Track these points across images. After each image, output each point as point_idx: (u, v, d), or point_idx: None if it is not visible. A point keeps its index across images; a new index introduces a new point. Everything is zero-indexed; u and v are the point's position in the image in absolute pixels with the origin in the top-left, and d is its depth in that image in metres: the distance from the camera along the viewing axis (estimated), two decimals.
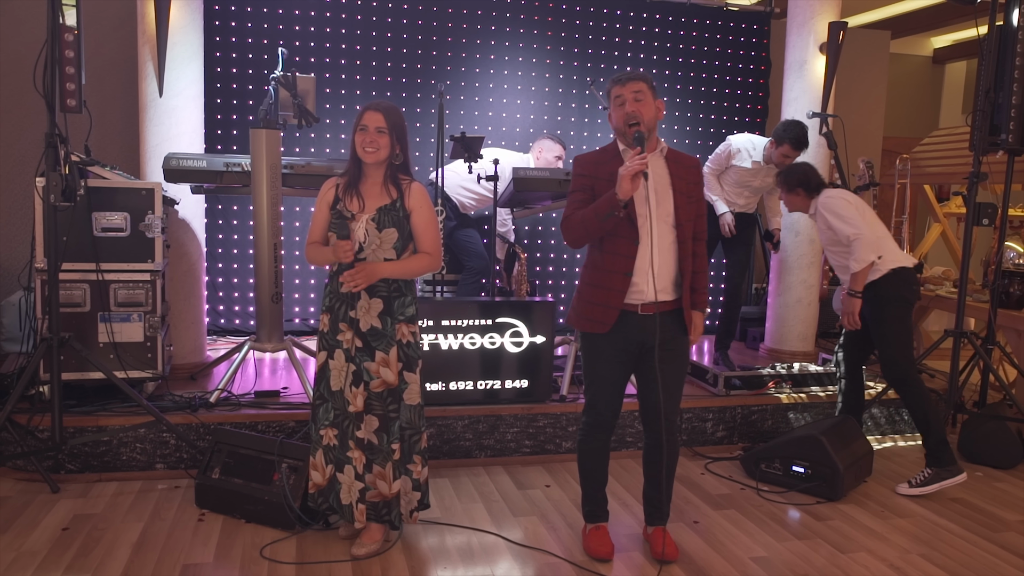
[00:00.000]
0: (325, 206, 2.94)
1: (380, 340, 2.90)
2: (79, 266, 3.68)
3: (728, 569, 2.97)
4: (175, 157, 3.98)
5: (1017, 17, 3.98)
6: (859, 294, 3.81)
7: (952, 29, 7.61)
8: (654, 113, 2.82)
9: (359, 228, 2.86)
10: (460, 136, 4.32)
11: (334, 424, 2.96)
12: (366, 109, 2.87)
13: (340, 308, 2.92)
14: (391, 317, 2.90)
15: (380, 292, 2.89)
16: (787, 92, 5.20)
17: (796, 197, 3.97)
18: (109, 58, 5.23)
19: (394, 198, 2.89)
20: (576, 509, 3.45)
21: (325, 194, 2.95)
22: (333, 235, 2.89)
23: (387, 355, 2.90)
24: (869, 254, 3.74)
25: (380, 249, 2.87)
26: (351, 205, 2.88)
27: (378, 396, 2.92)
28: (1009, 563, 3.11)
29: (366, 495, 2.97)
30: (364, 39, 5.47)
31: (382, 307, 2.89)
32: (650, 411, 2.95)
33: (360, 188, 2.90)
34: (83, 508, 3.27)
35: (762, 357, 5.34)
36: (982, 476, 4.08)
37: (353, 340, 2.91)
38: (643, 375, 2.94)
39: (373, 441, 2.94)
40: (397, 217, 2.88)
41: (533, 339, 3.98)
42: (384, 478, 2.95)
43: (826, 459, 3.65)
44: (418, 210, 2.91)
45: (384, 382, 2.91)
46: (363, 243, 2.86)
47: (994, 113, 4.10)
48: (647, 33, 6.02)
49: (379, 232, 2.86)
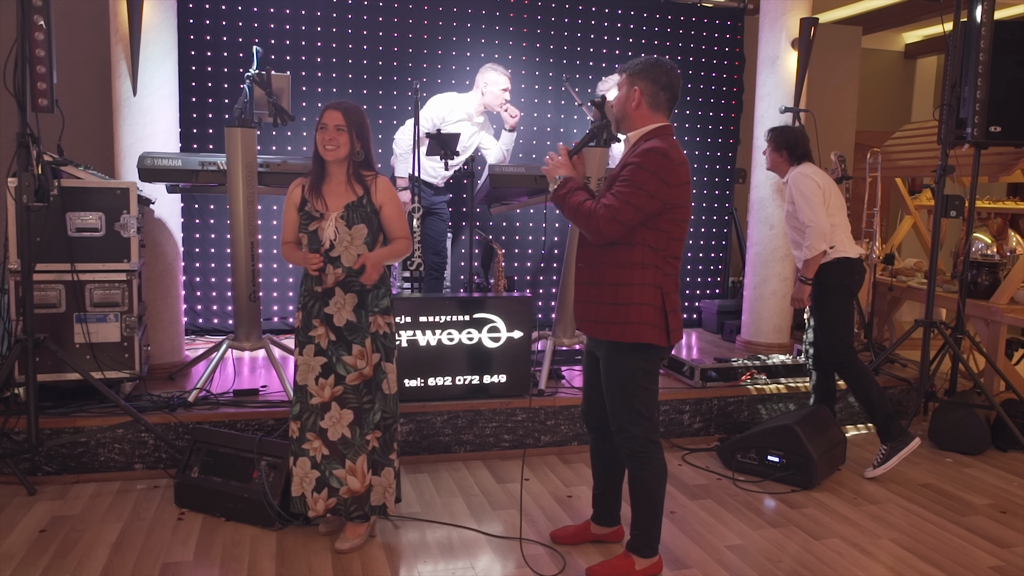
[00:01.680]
0: (292, 207, 3.00)
1: (355, 333, 2.95)
2: (54, 267, 3.66)
3: (703, 557, 3.03)
4: (150, 156, 3.96)
5: (980, 13, 4.06)
6: (809, 281, 3.96)
7: (923, 24, 7.72)
8: (622, 102, 2.74)
9: (328, 227, 2.90)
10: (436, 133, 4.33)
11: (297, 417, 3.02)
12: (325, 108, 2.92)
13: (313, 305, 2.97)
14: (365, 310, 2.96)
15: (354, 287, 2.93)
16: (760, 87, 5.26)
17: (779, 158, 4.06)
18: (82, 57, 5.18)
19: (360, 195, 2.93)
20: (555, 501, 3.49)
21: (291, 195, 3.00)
22: (304, 236, 2.94)
23: (363, 347, 2.95)
24: (820, 243, 3.87)
25: (352, 246, 2.91)
26: (318, 205, 2.92)
27: (354, 389, 2.96)
28: (976, 545, 3.19)
29: (340, 491, 2.99)
30: (340, 37, 5.47)
31: (356, 301, 2.94)
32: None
33: (325, 187, 2.94)
34: (61, 510, 3.26)
35: (738, 349, 5.40)
36: (951, 462, 4.16)
37: (327, 334, 2.95)
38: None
39: (346, 435, 2.97)
40: (365, 213, 2.92)
41: (511, 334, 4.01)
42: (355, 473, 2.98)
43: (800, 448, 3.71)
44: (387, 203, 2.98)
45: (361, 374, 2.96)
46: (333, 241, 2.89)
47: (960, 107, 4.18)
48: (622, 29, 6.05)
49: (349, 229, 2.90)
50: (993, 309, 4.79)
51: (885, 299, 5.84)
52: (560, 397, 4.13)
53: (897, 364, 5.11)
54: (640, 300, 2.64)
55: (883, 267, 5.86)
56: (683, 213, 2.66)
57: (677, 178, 2.60)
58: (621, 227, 2.58)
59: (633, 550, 2.82)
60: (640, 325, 2.64)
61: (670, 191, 2.58)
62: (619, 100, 2.75)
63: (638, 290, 2.64)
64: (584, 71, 6.00)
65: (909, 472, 3.98)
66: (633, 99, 2.69)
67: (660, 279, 2.66)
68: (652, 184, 2.56)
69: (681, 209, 2.64)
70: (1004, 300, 4.81)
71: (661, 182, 2.56)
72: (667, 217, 2.62)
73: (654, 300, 2.65)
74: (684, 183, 2.63)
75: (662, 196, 2.57)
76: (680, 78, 2.74)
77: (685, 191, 2.63)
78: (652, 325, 2.65)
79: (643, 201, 2.56)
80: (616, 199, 2.58)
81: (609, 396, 2.77)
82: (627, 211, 2.56)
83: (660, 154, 2.57)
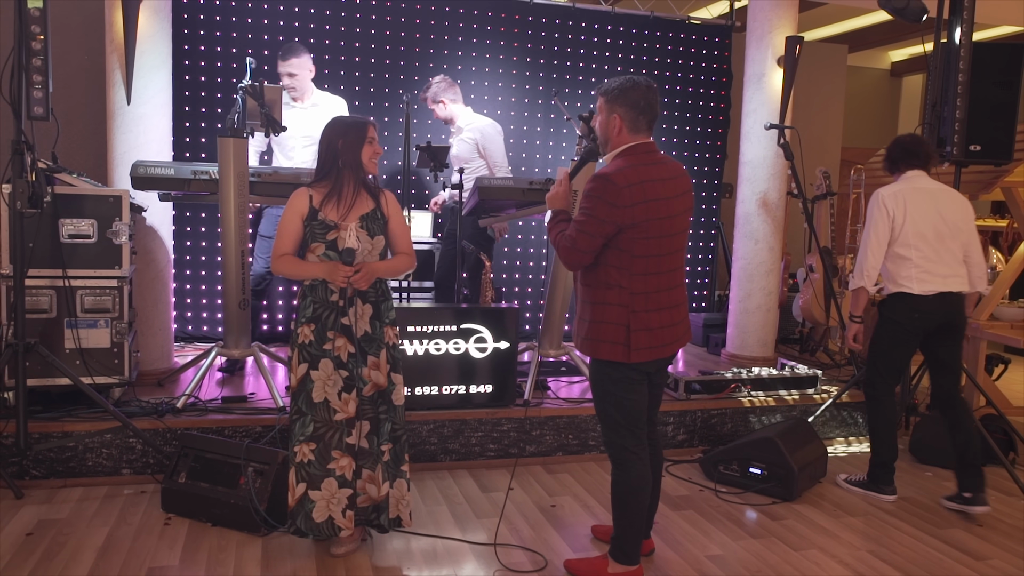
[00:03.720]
0: (298, 218, 2.92)
1: (371, 344, 2.98)
2: (46, 272, 3.68)
3: (684, 568, 3.07)
4: (143, 165, 4.01)
5: (959, 36, 4.16)
6: (857, 319, 3.83)
7: (908, 43, 7.85)
8: (604, 127, 2.81)
9: (350, 236, 2.91)
10: (426, 145, 4.39)
11: (311, 439, 2.94)
12: (368, 123, 2.95)
13: (328, 316, 2.92)
14: (379, 321, 2.99)
15: (370, 298, 2.97)
16: (746, 104, 5.34)
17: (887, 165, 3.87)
18: (77, 66, 5.23)
19: (373, 207, 2.97)
20: (539, 510, 3.54)
21: (298, 206, 2.92)
22: (320, 246, 2.91)
23: (378, 358, 2.98)
24: (859, 279, 3.73)
25: (371, 255, 2.96)
26: (333, 214, 2.92)
27: (369, 400, 2.98)
28: (954, 559, 3.24)
29: (356, 500, 3.00)
30: (332, 49, 5.53)
31: (372, 311, 2.97)
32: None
33: (343, 197, 2.93)
34: (48, 513, 3.28)
35: (723, 362, 5.46)
36: (931, 476, 4.22)
37: (345, 346, 2.93)
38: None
39: (364, 445, 2.98)
40: (380, 224, 2.97)
41: (498, 344, 4.06)
42: (374, 481, 3.00)
43: (781, 461, 3.77)
44: (395, 215, 3.03)
45: (375, 385, 2.98)
46: (355, 249, 2.90)
47: (940, 127, 4.27)
48: (612, 45, 6.14)
49: (371, 239, 2.94)
50: (973, 325, 4.87)
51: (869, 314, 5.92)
52: (546, 408, 4.17)
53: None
54: (603, 318, 2.75)
55: None
56: (643, 231, 2.68)
57: (625, 199, 2.63)
58: (582, 255, 2.70)
59: (610, 553, 2.90)
60: (600, 342, 2.75)
61: (621, 212, 2.63)
62: (601, 125, 2.82)
63: (601, 308, 2.75)
64: (573, 86, 6.08)
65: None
66: (614, 126, 2.76)
67: (626, 298, 2.71)
68: (600, 210, 2.64)
69: (640, 227, 2.67)
70: (984, 316, 4.89)
71: (609, 205, 2.63)
72: (626, 236, 2.67)
73: (617, 318, 2.72)
74: (638, 203, 2.64)
75: (614, 219, 2.64)
76: (657, 93, 2.79)
77: (641, 210, 2.65)
78: (611, 342, 2.73)
79: (595, 227, 2.65)
80: (573, 228, 2.71)
81: (595, 402, 2.90)
82: (582, 239, 2.67)
83: (604, 179, 2.65)
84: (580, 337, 2.83)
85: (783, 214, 5.31)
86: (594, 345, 2.77)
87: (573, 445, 4.21)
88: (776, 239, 5.27)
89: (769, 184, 5.22)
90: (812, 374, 4.74)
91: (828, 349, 5.90)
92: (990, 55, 4.33)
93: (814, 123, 7.49)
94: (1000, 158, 4.40)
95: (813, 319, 5.69)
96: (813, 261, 5.61)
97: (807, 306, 5.64)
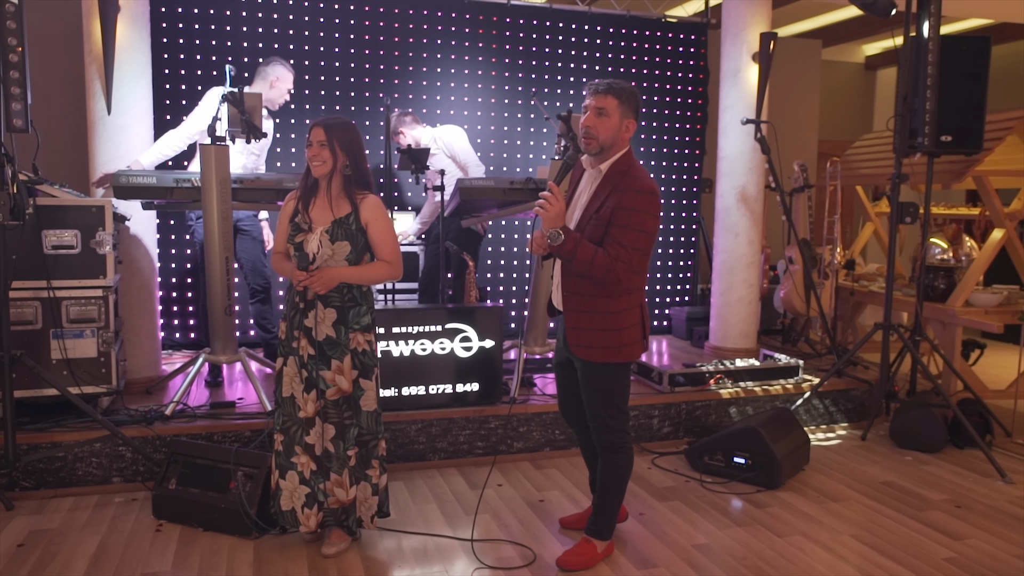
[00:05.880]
0: (286, 218, 3.06)
1: (335, 349, 3.00)
2: (30, 284, 3.69)
3: (671, 556, 3.13)
4: (125, 174, 4.02)
5: (928, 29, 4.24)
6: None
7: (882, 37, 7.95)
8: (614, 131, 2.80)
9: (313, 240, 2.96)
10: (407, 148, 4.43)
11: (282, 429, 3.06)
12: (311, 125, 3.00)
13: (295, 316, 3.02)
14: (345, 326, 3.00)
15: (334, 302, 2.99)
16: (723, 100, 5.41)
17: None
18: (56, 77, 5.23)
19: (348, 212, 2.99)
20: (528, 507, 3.58)
21: (286, 206, 3.08)
22: (291, 248, 3.01)
23: (341, 363, 3.00)
24: None
25: (332, 261, 2.97)
26: (307, 218, 3.00)
27: (334, 404, 3.02)
28: (932, 539, 3.32)
29: (327, 503, 3.06)
30: (312, 55, 5.55)
31: (336, 316, 2.99)
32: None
33: (316, 201, 3.01)
34: (39, 524, 3.29)
35: (706, 355, 5.53)
36: (911, 460, 4.31)
37: (307, 347, 3.00)
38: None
39: (329, 449, 3.04)
40: (350, 231, 2.97)
41: (482, 343, 4.11)
42: (341, 485, 3.05)
43: (765, 450, 3.83)
44: (373, 222, 3.01)
45: (339, 390, 3.01)
46: (315, 254, 2.96)
47: (911, 118, 4.35)
48: (589, 44, 6.20)
49: (331, 244, 2.95)
50: (949, 312, 4.96)
51: (848, 303, 6.02)
52: (532, 404, 4.22)
53: (860, 366, 5.26)
54: (630, 323, 2.87)
55: (845, 273, 6.03)
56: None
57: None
58: (638, 276, 2.82)
59: (595, 534, 3.03)
60: (632, 346, 2.89)
61: (659, 221, 2.82)
62: (611, 127, 2.79)
63: (619, 316, 2.86)
64: (552, 86, 6.13)
65: (870, 471, 4.11)
66: (628, 131, 2.85)
67: (638, 298, 2.90)
68: (650, 223, 2.78)
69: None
70: (959, 303, 4.98)
71: (655, 218, 2.79)
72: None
73: (634, 319, 2.89)
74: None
75: (655, 228, 2.80)
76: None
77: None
78: (630, 344, 2.89)
79: (647, 243, 2.80)
80: (625, 249, 2.73)
81: (594, 398, 2.95)
82: (637, 256, 2.77)
83: (652, 195, 2.77)
84: (595, 347, 2.86)
85: (762, 207, 5.38)
86: (616, 352, 2.86)
87: (560, 440, 4.26)
88: (756, 232, 5.34)
89: (747, 178, 5.29)
90: (794, 364, 4.82)
91: (809, 339, 5.99)
92: (957, 47, 4.41)
93: (790, 117, 7.58)
94: (971, 148, 4.48)
95: (794, 310, 5.77)
96: (793, 253, 5.69)
97: (788, 297, 5.73)
